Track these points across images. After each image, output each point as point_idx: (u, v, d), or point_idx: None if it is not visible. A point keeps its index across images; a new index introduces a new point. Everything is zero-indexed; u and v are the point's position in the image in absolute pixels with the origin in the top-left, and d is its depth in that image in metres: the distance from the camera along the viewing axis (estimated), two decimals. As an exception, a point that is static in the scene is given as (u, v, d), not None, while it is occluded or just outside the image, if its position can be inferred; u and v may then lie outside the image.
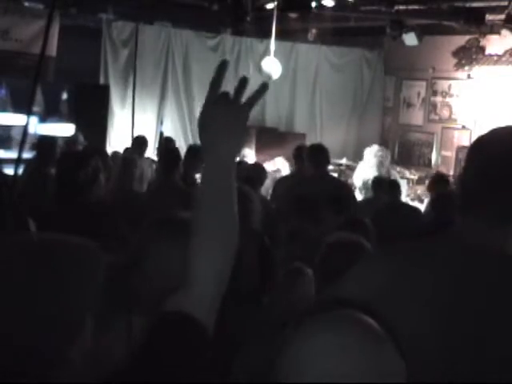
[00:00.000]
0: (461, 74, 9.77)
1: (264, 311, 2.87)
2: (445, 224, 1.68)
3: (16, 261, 1.18)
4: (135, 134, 8.21)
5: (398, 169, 9.40)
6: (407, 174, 9.42)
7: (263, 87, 1.46)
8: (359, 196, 7.45)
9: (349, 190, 6.06)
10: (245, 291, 3.37)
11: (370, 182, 7.53)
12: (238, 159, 7.16)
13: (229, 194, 1.39)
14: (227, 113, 1.42)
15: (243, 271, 3.41)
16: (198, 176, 6.86)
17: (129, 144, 8.02)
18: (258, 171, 6.29)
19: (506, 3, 7.75)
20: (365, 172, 8.08)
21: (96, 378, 1.21)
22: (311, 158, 5.74)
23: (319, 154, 5.73)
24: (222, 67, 1.49)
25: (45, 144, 6.26)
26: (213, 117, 1.42)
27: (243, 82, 1.46)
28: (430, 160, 10.25)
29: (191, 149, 6.67)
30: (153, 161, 7.49)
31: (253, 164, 7.21)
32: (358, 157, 9.13)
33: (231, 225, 1.39)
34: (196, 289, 1.33)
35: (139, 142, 7.81)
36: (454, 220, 1.64)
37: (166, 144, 7.88)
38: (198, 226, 1.38)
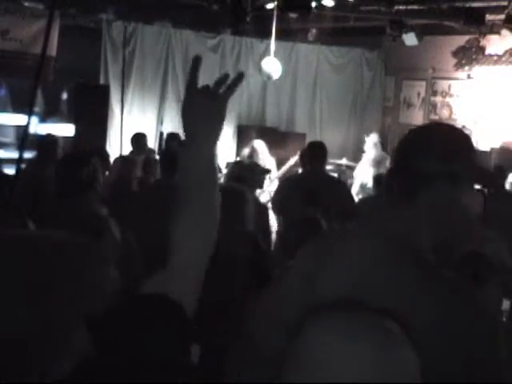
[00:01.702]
0: (461, 73, 9.77)
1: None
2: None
3: (5, 259, 1.14)
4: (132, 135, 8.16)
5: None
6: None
7: (239, 77, 1.54)
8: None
9: (342, 186, 6.17)
10: (239, 290, 3.39)
11: (368, 184, 7.55)
12: (238, 159, 7.18)
13: (209, 183, 1.47)
14: (206, 104, 1.49)
15: (238, 271, 3.43)
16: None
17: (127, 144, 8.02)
18: (252, 171, 6.29)
19: (505, 3, 7.76)
20: (362, 175, 8.09)
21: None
22: (308, 155, 5.96)
23: (313, 152, 5.92)
24: (196, 61, 1.53)
25: (46, 143, 6.26)
26: (192, 108, 1.50)
27: (225, 78, 1.52)
28: (430, 160, 10.25)
29: None
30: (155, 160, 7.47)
31: (248, 164, 7.18)
32: (357, 157, 9.13)
33: (212, 214, 1.46)
34: (176, 273, 1.37)
35: (136, 140, 7.79)
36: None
37: (168, 140, 7.84)
38: (181, 213, 1.44)
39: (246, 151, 8.16)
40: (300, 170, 7.95)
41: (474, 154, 1.68)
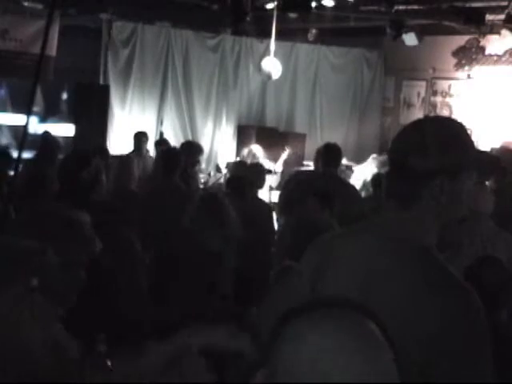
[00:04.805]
0: (461, 74, 9.77)
1: (259, 311, 2.87)
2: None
3: None
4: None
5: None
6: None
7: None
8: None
9: (353, 189, 6.10)
10: (224, 291, 3.43)
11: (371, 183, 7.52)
12: (238, 158, 7.19)
13: None
14: None
15: (222, 272, 3.49)
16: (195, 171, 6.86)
17: (128, 144, 8.02)
18: (255, 172, 6.26)
19: (505, 3, 7.75)
20: (364, 173, 8.07)
21: None
22: (322, 156, 5.92)
23: (327, 155, 5.86)
24: None
25: (47, 143, 6.26)
26: None
27: None
28: (430, 160, 10.23)
29: (185, 144, 6.77)
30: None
31: (250, 164, 7.17)
32: (358, 157, 9.11)
33: None
34: None
35: (138, 139, 7.80)
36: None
37: (162, 145, 7.85)
38: None
39: (243, 154, 8.19)
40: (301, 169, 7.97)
41: (470, 142, 1.65)
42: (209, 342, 1.42)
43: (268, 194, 7.57)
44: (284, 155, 8.39)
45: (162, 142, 8.06)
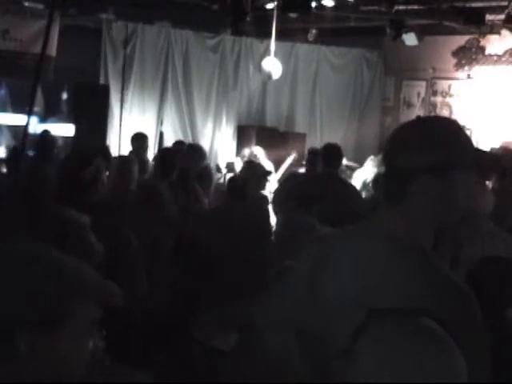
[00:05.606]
0: (461, 74, 9.77)
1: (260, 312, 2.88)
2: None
3: None
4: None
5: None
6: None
7: None
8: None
9: (353, 189, 6.10)
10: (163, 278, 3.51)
11: (371, 184, 7.51)
12: (238, 159, 7.22)
13: None
14: None
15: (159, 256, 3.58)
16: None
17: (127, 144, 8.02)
18: (258, 173, 6.25)
19: (505, 3, 7.77)
20: (364, 173, 8.07)
21: None
22: (322, 157, 5.92)
23: (328, 155, 5.86)
24: None
25: (46, 142, 6.26)
26: None
27: None
28: (430, 160, 10.23)
29: (189, 147, 6.79)
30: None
31: (253, 165, 7.14)
32: (357, 157, 9.12)
33: None
34: None
35: (136, 140, 7.79)
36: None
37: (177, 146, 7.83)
38: None
39: (244, 156, 8.17)
40: (300, 170, 7.96)
41: (459, 140, 1.62)
42: None
43: (268, 194, 7.56)
44: (289, 160, 8.33)
45: (176, 144, 8.00)
